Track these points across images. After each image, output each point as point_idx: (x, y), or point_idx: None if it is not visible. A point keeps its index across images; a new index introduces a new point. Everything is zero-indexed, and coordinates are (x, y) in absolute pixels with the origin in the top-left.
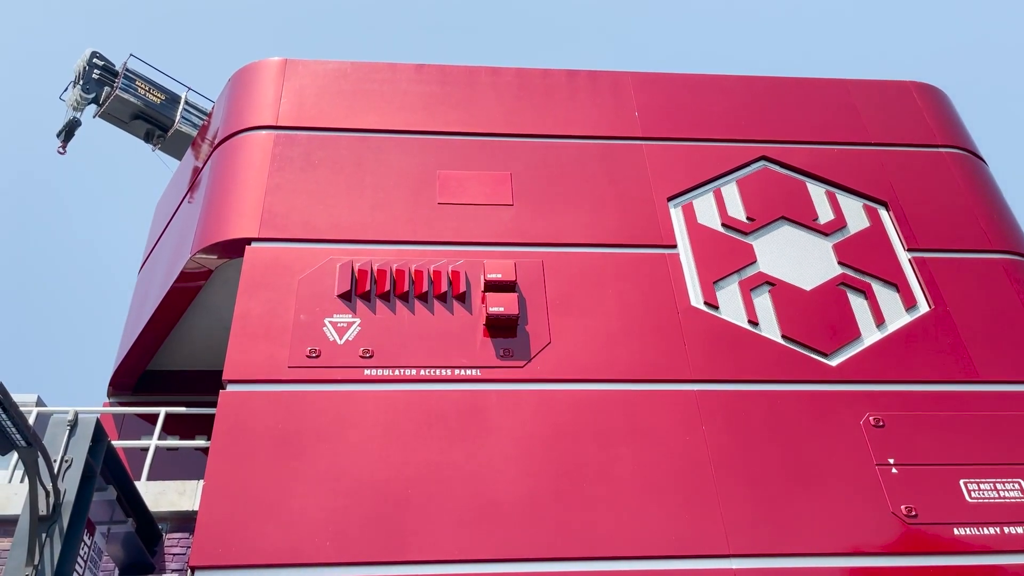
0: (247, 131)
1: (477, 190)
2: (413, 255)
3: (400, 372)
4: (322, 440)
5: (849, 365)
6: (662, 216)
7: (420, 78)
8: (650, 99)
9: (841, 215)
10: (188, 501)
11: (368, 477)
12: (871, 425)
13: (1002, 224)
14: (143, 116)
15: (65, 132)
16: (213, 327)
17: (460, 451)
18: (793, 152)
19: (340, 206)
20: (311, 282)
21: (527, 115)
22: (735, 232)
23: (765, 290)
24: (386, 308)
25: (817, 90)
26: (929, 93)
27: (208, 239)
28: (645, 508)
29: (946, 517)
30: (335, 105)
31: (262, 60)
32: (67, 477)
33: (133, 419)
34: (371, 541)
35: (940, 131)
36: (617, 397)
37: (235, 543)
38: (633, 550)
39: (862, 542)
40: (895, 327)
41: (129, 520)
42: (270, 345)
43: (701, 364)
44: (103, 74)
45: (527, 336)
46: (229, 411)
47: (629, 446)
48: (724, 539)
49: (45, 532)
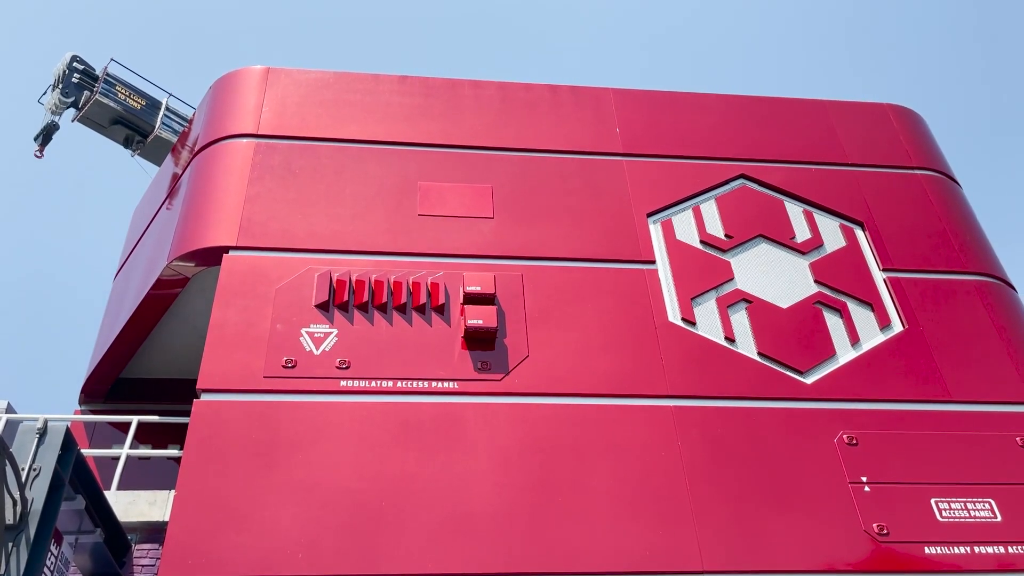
0: (228, 139)
1: (457, 202)
2: (392, 266)
3: (376, 383)
4: (297, 451)
5: (824, 383)
6: (641, 232)
7: (403, 89)
8: (631, 115)
9: (818, 234)
10: (159, 511)
11: (342, 488)
12: (845, 443)
13: (975, 246)
14: (123, 121)
15: (43, 136)
16: (188, 335)
17: (435, 463)
18: (772, 171)
19: (319, 216)
20: (289, 291)
21: (509, 129)
22: (713, 249)
23: (742, 307)
24: (364, 319)
25: (796, 110)
26: (905, 116)
27: (185, 246)
28: (619, 523)
29: (917, 535)
30: (317, 114)
31: (244, 68)
32: (35, 486)
33: (105, 427)
34: (344, 552)
35: (916, 153)
36: (593, 411)
37: (206, 554)
38: (607, 565)
39: (834, 559)
40: (870, 346)
41: (98, 530)
42: (246, 354)
43: (678, 380)
44: (83, 78)
45: (505, 349)
46: (203, 420)
47: (605, 460)
48: (698, 555)
49: (11, 541)
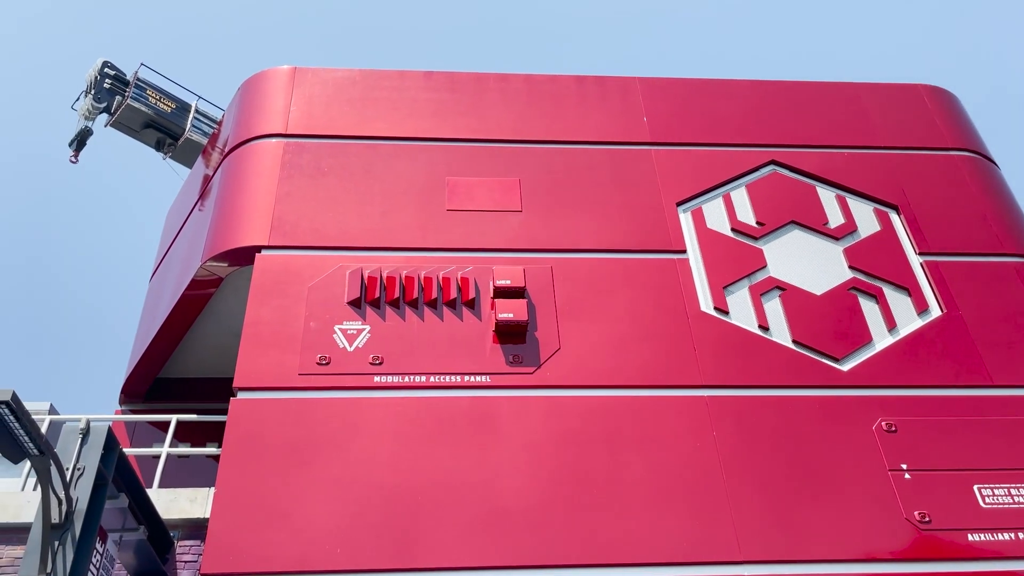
0: (257, 139)
1: (486, 196)
2: (422, 262)
3: (410, 379)
4: (332, 447)
5: (861, 370)
6: (671, 221)
7: (428, 85)
8: (658, 104)
9: (852, 219)
10: (199, 508)
11: (378, 484)
12: (883, 430)
13: (1014, 227)
14: (154, 125)
15: (77, 141)
16: (223, 335)
17: (470, 458)
18: (803, 156)
19: (349, 213)
20: (321, 289)
21: (536, 121)
22: (745, 237)
23: (775, 295)
24: (396, 315)
25: (827, 94)
26: (939, 96)
27: (218, 247)
28: (656, 515)
29: (960, 523)
30: (344, 113)
31: (272, 68)
32: (79, 485)
33: (145, 427)
34: (381, 548)
35: (951, 134)
36: (627, 403)
37: (246, 550)
38: (644, 557)
39: (875, 548)
40: (907, 331)
41: (141, 528)
42: (280, 352)
43: (711, 369)
44: (114, 84)
45: (536, 342)
46: (240, 418)
47: (639, 452)
48: (736, 546)
49: (58, 540)
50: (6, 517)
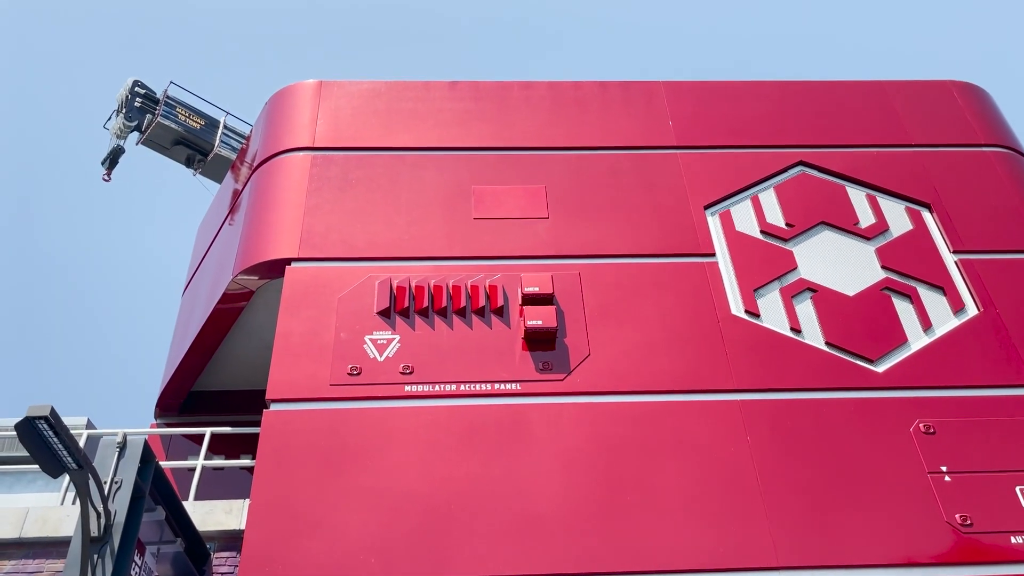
0: (285, 153)
1: (512, 204)
2: (450, 270)
3: (440, 388)
4: (365, 457)
5: (896, 371)
6: (699, 225)
7: (453, 95)
8: (683, 108)
9: (883, 218)
10: (235, 520)
11: (411, 493)
12: (921, 432)
13: None
14: (184, 142)
15: (109, 160)
16: (255, 347)
17: (502, 465)
18: (831, 156)
19: (377, 224)
20: (351, 300)
21: (560, 128)
22: (774, 239)
23: (807, 296)
24: (425, 324)
25: (854, 93)
26: (970, 92)
27: (249, 260)
28: (691, 521)
29: (1002, 525)
30: (370, 124)
31: (298, 83)
32: (117, 498)
33: (179, 440)
34: (415, 557)
35: (983, 130)
36: (659, 408)
37: (282, 561)
38: (679, 563)
39: (915, 552)
40: (943, 331)
41: (178, 540)
42: (312, 364)
43: (744, 373)
44: (145, 102)
45: (566, 349)
46: (273, 430)
47: (672, 458)
48: (773, 551)
49: (97, 553)
50: (46, 531)
